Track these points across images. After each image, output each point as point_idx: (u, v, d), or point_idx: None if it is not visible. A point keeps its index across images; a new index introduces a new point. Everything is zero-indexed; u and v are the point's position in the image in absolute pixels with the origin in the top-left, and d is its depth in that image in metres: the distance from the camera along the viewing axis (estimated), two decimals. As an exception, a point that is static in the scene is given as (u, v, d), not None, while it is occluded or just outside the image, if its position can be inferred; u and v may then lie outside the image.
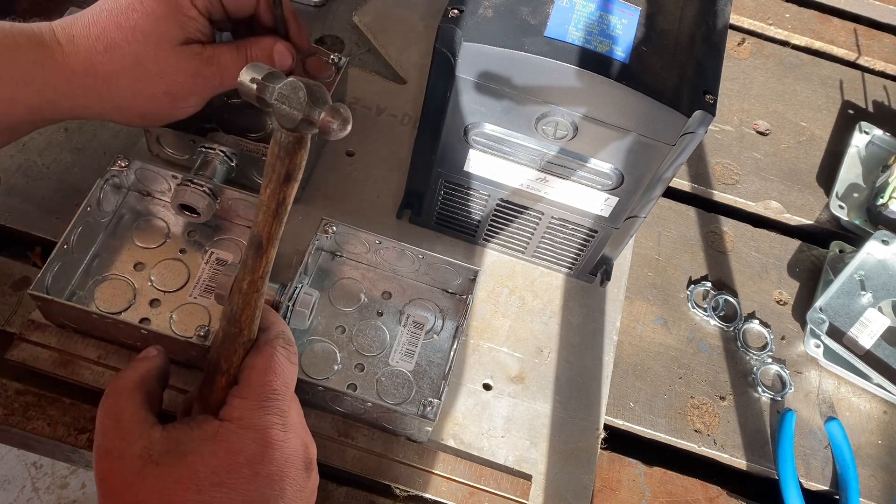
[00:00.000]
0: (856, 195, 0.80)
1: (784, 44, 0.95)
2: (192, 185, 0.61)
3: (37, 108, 0.54)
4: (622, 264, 0.71)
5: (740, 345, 0.70)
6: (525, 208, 0.64)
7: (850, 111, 0.89)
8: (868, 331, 0.69)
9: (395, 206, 0.70)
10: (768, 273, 0.75)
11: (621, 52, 0.50)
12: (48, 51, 0.53)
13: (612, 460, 0.64)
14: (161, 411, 0.47)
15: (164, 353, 0.50)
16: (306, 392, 0.57)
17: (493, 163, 0.60)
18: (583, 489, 0.60)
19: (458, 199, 0.65)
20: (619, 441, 0.65)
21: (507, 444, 0.61)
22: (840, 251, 0.76)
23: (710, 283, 0.73)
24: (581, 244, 0.65)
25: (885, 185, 0.76)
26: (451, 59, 0.52)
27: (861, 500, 0.64)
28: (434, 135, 0.59)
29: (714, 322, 0.71)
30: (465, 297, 0.65)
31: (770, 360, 0.70)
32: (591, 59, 0.50)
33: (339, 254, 0.66)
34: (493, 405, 0.63)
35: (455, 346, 0.60)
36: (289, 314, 0.58)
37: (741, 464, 0.66)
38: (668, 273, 0.73)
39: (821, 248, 0.78)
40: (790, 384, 0.69)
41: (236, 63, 0.58)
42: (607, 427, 0.65)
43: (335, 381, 0.60)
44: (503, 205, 0.64)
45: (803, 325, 0.72)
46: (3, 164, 0.67)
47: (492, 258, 0.70)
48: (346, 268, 0.66)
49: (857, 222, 0.78)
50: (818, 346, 0.70)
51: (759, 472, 0.66)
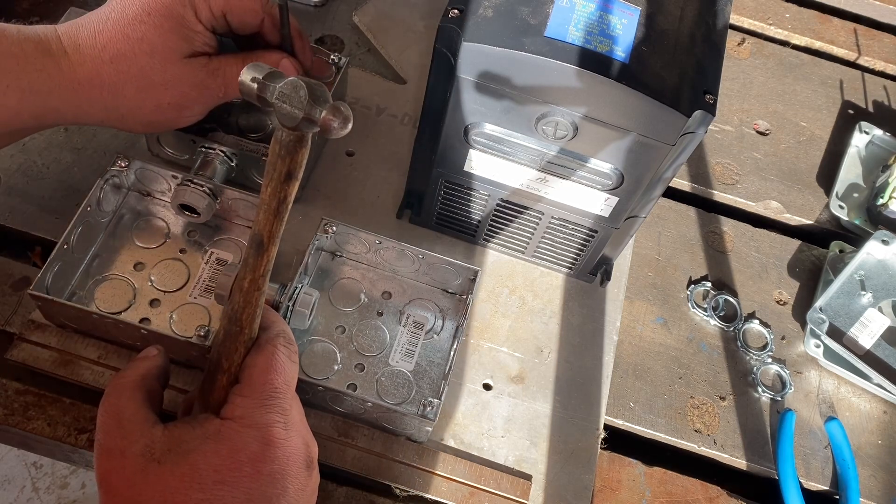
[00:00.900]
0: (856, 195, 0.80)
1: (784, 44, 0.95)
2: (192, 185, 0.61)
3: (41, 116, 0.54)
4: (622, 264, 0.71)
5: (740, 345, 0.70)
6: (525, 208, 0.64)
7: (850, 111, 0.88)
8: (868, 331, 0.69)
9: (395, 206, 0.70)
10: (768, 273, 0.75)
11: (621, 52, 0.50)
12: (54, 59, 0.53)
13: (612, 460, 0.64)
14: (161, 411, 0.47)
15: (164, 352, 0.50)
16: (306, 392, 0.57)
17: (493, 163, 0.60)
18: (583, 489, 0.60)
19: (458, 199, 0.65)
20: (619, 441, 0.65)
21: (507, 444, 0.61)
22: (840, 251, 0.76)
23: (710, 283, 0.73)
24: (581, 244, 0.65)
25: (885, 185, 0.76)
26: (451, 59, 0.52)
27: (861, 500, 0.64)
28: (434, 135, 0.59)
29: (714, 322, 0.71)
30: (465, 297, 0.65)
31: (770, 360, 0.70)
32: (591, 59, 0.50)
33: (339, 254, 0.66)
34: (493, 405, 0.63)
35: (455, 346, 0.60)
36: (289, 314, 0.58)
37: (741, 464, 0.66)
38: (668, 273, 0.73)
39: (821, 248, 0.78)
40: (790, 384, 0.69)
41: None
42: (607, 427, 0.65)
43: (335, 381, 0.60)
44: (503, 205, 0.64)
45: (803, 325, 0.72)
46: (3, 164, 0.67)
47: (492, 258, 0.70)
48: (346, 268, 0.66)
49: (857, 222, 0.78)
50: (818, 346, 0.70)
51: (759, 472, 0.66)
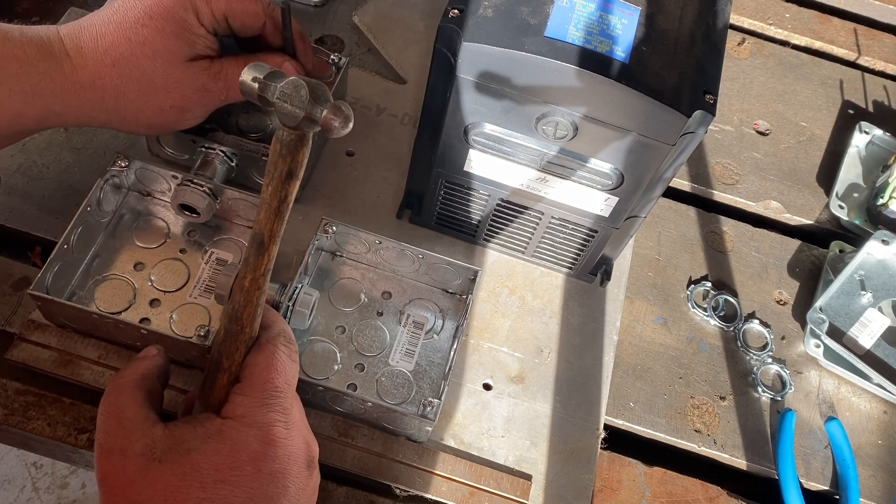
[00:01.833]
0: (856, 195, 0.80)
1: (784, 44, 0.95)
2: (192, 185, 0.61)
3: (43, 118, 0.54)
4: (622, 264, 0.71)
5: (740, 345, 0.70)
6: (525, 208, 0.64)
7: (850, 111, 0.88)
8: (868, 331, 0.69)
9: (395, 206, 0.70)
10: (768, 273, 0.75)
11: (621, 52, 0.50)
12: (57, 62, 0.53)
13: (612, 460, 0.64)
14: (162, 411, 0.47)
15: (164, 351, 0.50)
16: (306, 392, 0.57)
17: (493, 163, 0.60)
18: (583, 489, 0.60)
19: (458, 199, 0.65)
20: (619, 441, 0.65)
21: (507, 444, 0.61)
22: (840, 251, 0.76)
23: (710, 283, 0.73)
24: (581, 244, 0.65)
25: (885, 185, 0.76)
26: (451, 59, 0.52)
27: (861, 500, 0.64)
28: (434, 135, 0.59)
29: (714, 322, 0.71)
30: (465, 297, 0.65)
31: (770, 360, 0.70)
32: (591, 59, 0.50)
33: (339, 254, 0.66)
34: (493, 405, 0.63)
35: (455, 346, 0.60)
36: (289, 314, 0.58)
37: (741, 464, 0.66)
38: (668, 273, 0.73)
39: (821, 248, 0.78)
40: (790, 384, 0.69)
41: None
42: (607, 427, 0.65)
43: (335, 381, 0.60)
44: (503, 205, 0.64)
45: (803, 325, 0.72)
46: (3, 164, 0.67)
47: (492, 258, 0.70)
48: (346, 268, 0.66)
49: (857, 222, 0.78)
50: (818, 346, 0.70)
51: (759, 472, 0.66)
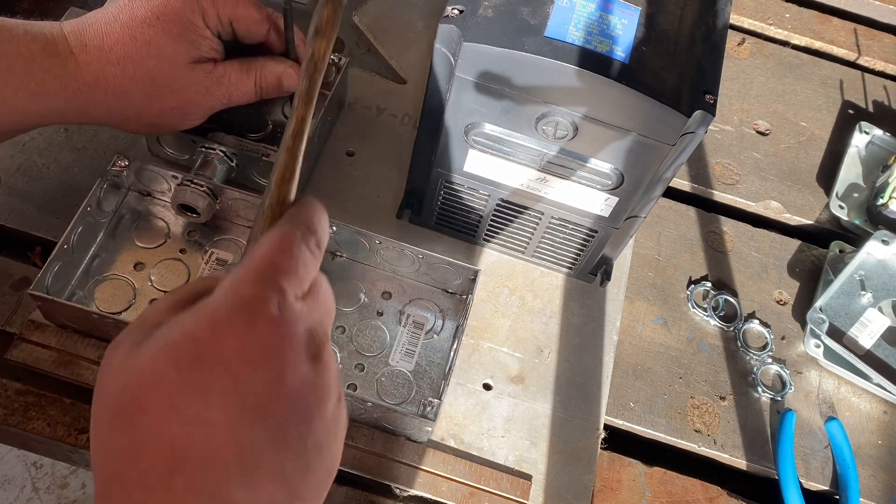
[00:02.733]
0: (856, 195, 0.80)
1: (784, 44, 0.95)
2: (192, 185, 0.61)
3: (46, 116, 0.54)
4: (622, 264, 0.71)
5: (740, 345, 0.70)
6: (525, 208, 0.64)
7: (850, 111, 0.88)
8: (868, 331, 0.69)
9: (395, 206, 0.70)
10: (768, 273, 0.75)
11: (621, 52, 0.50)
12: (61, 60, 0.53)
13: (612, 460, 0.64)
14: None
15: None
16: (306, 392, 0.57)
17: (493, 163, 0.60)
18: (583, 489, 0.60)
19: (458, 199, 0.65)
20: (619, 441, 0.65)
21: (507, 444, 0.61)
22: (840, 251, 0.76)
23: (710, 283, 0.73)
24: (581, 244, 0.65)
25: (885, 185, 0.76)
26: (451, 59, 0.52)
27: (861, 500, 0.64)
28: (434, 135, 0.59)
29: (714, 322, 0.71)
30: (465, 297, 0.65)
31: (770, 360, 0.70)
32: (591, 59, 0.50)
33: (339, 254, 0.66)
34: (493, 405, 0.63)
35: (455, 346, 0.60)
36: (289, 314, 0.58)
37: (741, 464, 0.66)
38: (668, 273, 0.73)
39: (821, 248, 0.78)
40: (790, 384, 0.69)
41: (245, 83, 0.59)
42: (607, 427, 0.65)
43: (335, 381, 0.60)
44: (503, 205, 0.64)
45: (803, 325, 0.72)
46: (3, 164, 0.67)
47: (492, 258, 0.70)
48: (346, 268, 0.66)
49: (857, 222, 0.78)
50: (818, 346, 0.70)
51: (759, 472, 0.66)
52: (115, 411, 0.33)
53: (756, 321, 0.72)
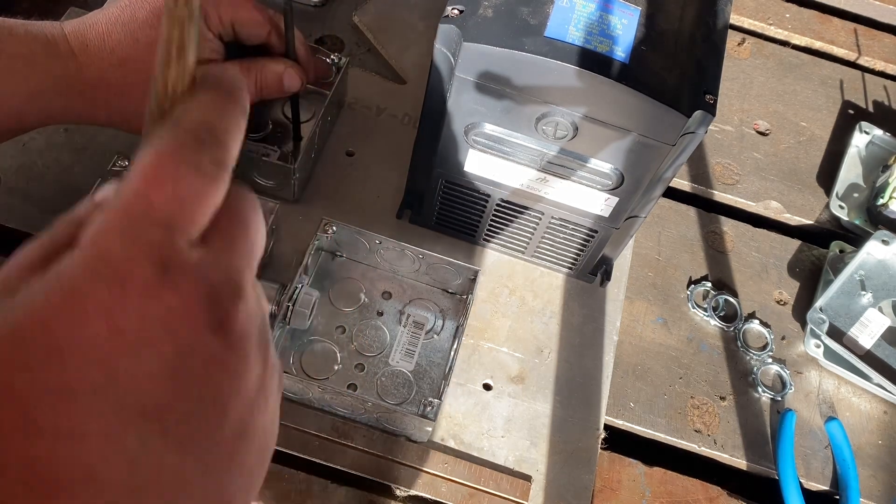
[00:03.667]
0: (856, 195, 0.80)
1: (784, 44, 0.95)
2: (192, 185, 0.61)
3: (46, 117, 0.54)
4: (622, 264, 0.71)
5: (740, 345, 0.70)
6: (525, 208, 0.64)
7: (850, 111, 0.88)
8: (868, 331, 0.69)
9: (395, 206, 0.70)
10: (768, 273, 0.75)
11: (621, 52, 0.50)
12: (62, 61, 0.52)
13: (612, 460, 0.64)
14: None
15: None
16: (307, 392, 0.57)
17: (493, 163, 0.60)
18: (583, 489, 0.60)
19: (458, 199, 0.65)
20: (619, 441, 0.65)
21: (507, 444, 0.61)
22: (840, 251, 0.76)
23: (710, 283, 0.73)
24: (581, 244, 0.65)
25: (886, 185, 0.76)
26: (451, 59, 0.52)
27: (861, 500, 0.64)
28: (434, 135, 0.59)
29: (714, 322, 0.71)
30: (465, 297, 0.65)
31: (770, 360, 0.70)
32: (591, 59, 0.50)
33: (339, 254, 0.66)
34: (493, 405, 0.63)
35: (455, 346, 0.60)
36: (289, 314, 0.58)
37: (741, 464, 0.66)
38: (668, 273, 0.73)
39: (821, 248, 0.78)
40: (790, 384, 0.69)
41: (246, 83, 0.58)
42: (607, 427, 0.64)
43: (335, 381, 0.60)
44: (503, 205, 0.64)
45: (803, 325, 0.72)
46: (3, 164, 0.67)
47: (492, 258, 0.70)
48: (346, 268, 0.66)
49: (857, 222, 0.78)
50: (818, 346, 0.70)
51: (759, 472, 0.66)
52: None
53: (756, 321, 0.72)
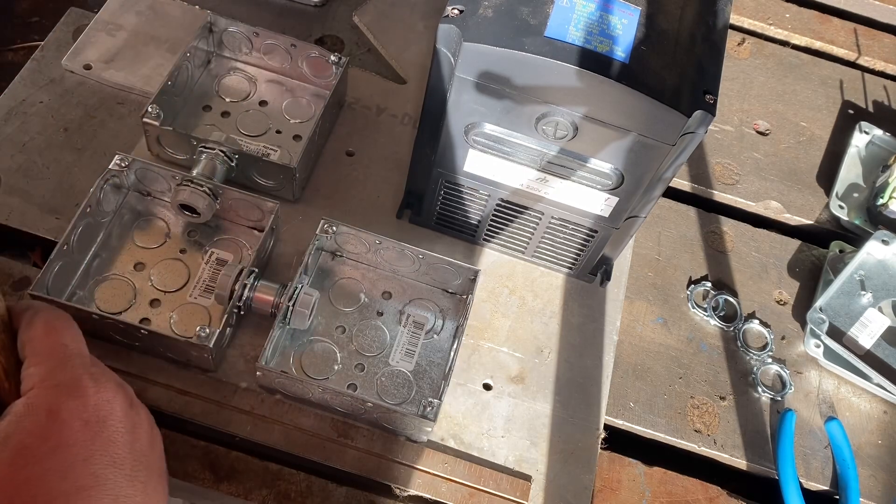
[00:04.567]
0: (856, 195, 0.80)
1: (784, 44, 0.95)
2: (192, 185, 0.61)
3: None
4: (622, 264, 0.71)
5: (740, 345, 0.70)
6: (525, 208, 0.64)
7: (850, 111, 0.88)
8: (868, 331, 0.69)
9: (395, 206, 0.70)
10: (768, 273, 0.75)
11: (621, 52, 0.50)
12: None
13: (612, 460, 0.64)
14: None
15: None
16: (307, 392, 0.57)
17: (493, 163, 0.60)
18: (583, 489, 0.60)
19: (458, 199, 0.65)
20: (619, 441, 0.65)
21: (507, 444, 0.61)
22: (840, 251, 0.76)
23: (710, 283, 0.73)
24: (581, 244, 0.65)
25: (885, 185, 0.76)
26: (451, 59, 0.52)
27: (861, 500, 0.64)
28: (434, 135, 0.59)
29: (714, 322, 0.71)
30: (465, 297, 0.65)
31: (770, 360, 0.70)
32: (591, 59, 0.50)
33: (339, 254, 0.66)
34: (493, 405, 0.63)
35: (455, 346, 0.60)
36: (289, 314, 0.58)
37: (741, 464, 0.66)
38: (668, 273, 0.73)
39: (821, 248, 0.78)
40: (790, 384, 0.69)
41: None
42: (607, 427, 0.64)
43: (335, 381, 0.60)
44: (503, 205, 0.64)
45: (803, 325, 0.72)
46: (3, 164, 0.67)
47: (492, 258, 0.70)
48: (346, 268, 0.66)
49: (857, 222, 0.78)
50: (818, 346, 0.70)
51: (759, 472, 0.66)
52: None
53: (756, 321, 0.72)
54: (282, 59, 0.73)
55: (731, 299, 0.73)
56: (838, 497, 0.65)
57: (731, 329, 0.71)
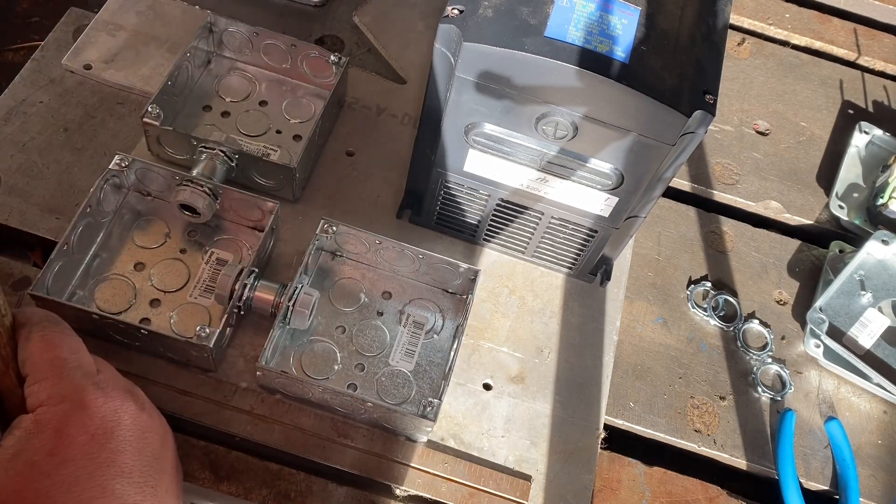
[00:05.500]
0: (856, 195, 0.80)
1: (784, 44, 0.95)
2: (192, 185, 0.61)
3: None
4: (622, 264, 0.71)
5: (740, 345, 0.70)
6: (525, 208, 0.64)
7: (850, 111, 0.88)
8: (868, 331, 0.69)
9: (395, 206, 0.70)
10: (768, 273, 0.75)
11: (621, 52, 0.50)
12: None
13: (612, 460, 0.64)
14: None
15: None
16: (307, 392, 0.57)
17: (493, 163, 0.60)
18: (583, 489, 0.60)
19: (457, 199, 0.65)
20: (619, 441, 0.65)
21: (507, 444, 0.61)
22: (840, 251, 0.76)
23: (710, 283, 0.73)
24: (581, 244, 0.65)
25: (885, 185, 0.76)
26: (451, 59, 0.52)
27: (861, 500, 0.64)
28: (434, 135, 0.59)
29: (714, 322, 0.71)
30: (465, 297, 0.65)
31: (770, 360, 0.70)
32: (591, 59, 0.50)
33: (339, 254, 0.66)
34: (493, 405, 0.63)
35: (455, 346, 0.60)
36: (289, 314, 0.58)
37: (741, 464, 0.66)
38: (668, 273, 0.73)
39: (821, 248, 0.78)
40: (790, 384, 0.69)
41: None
42: (607, 427, 0.64)
43: (335, 381, 0.60)
44: (503, 205, 0.64)
45: (803, 325, 0.72)
46: (3, 164, 0.67)
47: (492, 258, 0.70)
48: (346, 268, 0.66)
49: (857, 222, 0.78)
50: (818, 346, 0.70)
51: (759, 472, 0.66)
52: None
53: (756, 321, 0.72)
54: (282, 59, 0.73)
55: (731, 299, 0.73)
56: (838, 497, 0.65)
57: (731, 329, 0.71)
